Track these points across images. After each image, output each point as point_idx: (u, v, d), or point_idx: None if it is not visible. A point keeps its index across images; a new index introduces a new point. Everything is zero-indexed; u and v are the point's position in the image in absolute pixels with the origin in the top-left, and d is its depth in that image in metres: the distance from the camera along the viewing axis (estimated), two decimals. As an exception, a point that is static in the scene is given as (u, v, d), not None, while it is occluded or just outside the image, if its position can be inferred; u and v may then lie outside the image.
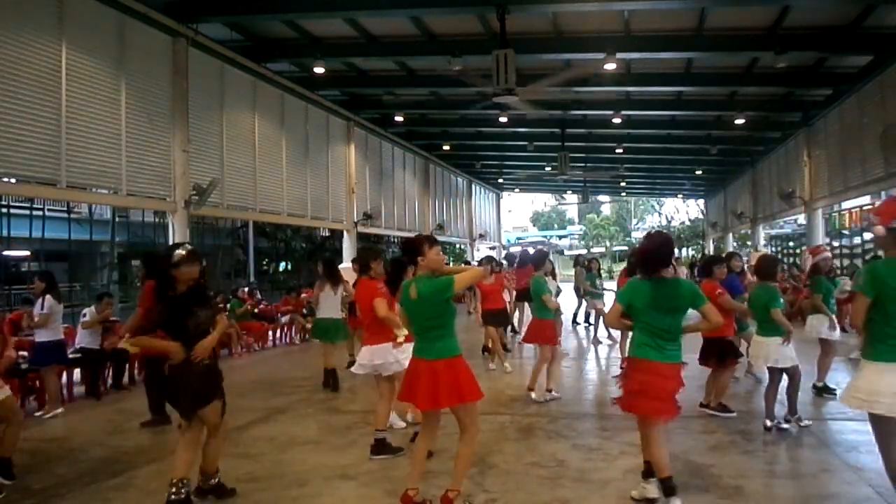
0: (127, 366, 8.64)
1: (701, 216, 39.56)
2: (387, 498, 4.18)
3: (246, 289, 13.95)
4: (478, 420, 4.05)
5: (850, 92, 13.80)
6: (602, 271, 12.58)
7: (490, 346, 9.34)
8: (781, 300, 5.58)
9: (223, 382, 4.17)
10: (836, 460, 4.80)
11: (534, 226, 69.53)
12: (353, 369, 5.54)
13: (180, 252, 4.05)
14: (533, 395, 6.97)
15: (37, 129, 8.18)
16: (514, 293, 11.81)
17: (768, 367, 5.56)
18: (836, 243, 19.55)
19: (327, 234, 23.24)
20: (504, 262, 14.69)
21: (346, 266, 9.66)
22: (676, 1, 10.59)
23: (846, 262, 17.75)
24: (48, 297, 7.00)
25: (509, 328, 11.61)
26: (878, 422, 3.26)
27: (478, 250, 28.31)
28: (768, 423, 5.52)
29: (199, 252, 4.17)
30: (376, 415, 5.19)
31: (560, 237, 65.11)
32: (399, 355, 5.06)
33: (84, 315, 8.19)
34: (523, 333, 8.46)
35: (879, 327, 3.24)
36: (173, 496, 3.85)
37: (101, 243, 22.11)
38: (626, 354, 4.15)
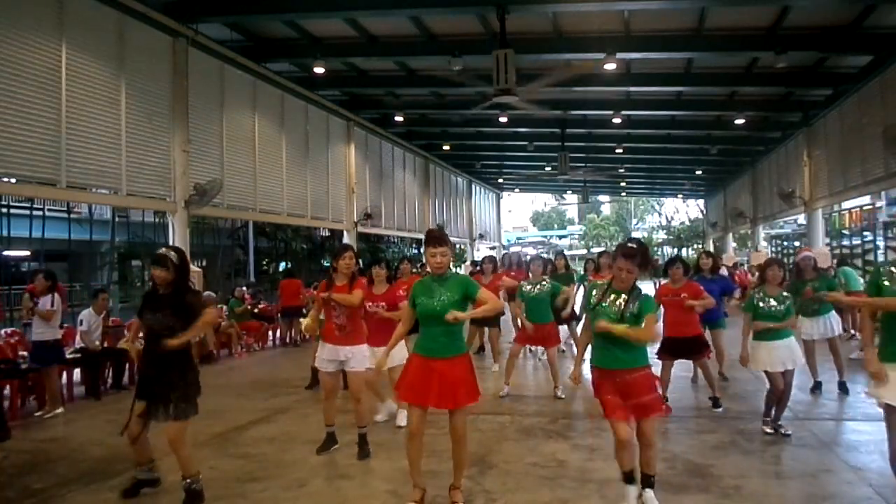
0: (127, 366, 8.64)
1: (701, 216, 39.57)
2: (387, 497, 4.18)
3: (244, 288, 13.94)
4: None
5: (850, 92, 13.80)
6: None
7: (484, 345, 9.37)
8: (757, 306, 5.42)
9: (195, 400, 4.10)
10: (836, 460, 4.79)
11: (534, 226, 69.53)
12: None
13: (157, 252, 4.18)
14: (559, 392, 7.14)
15: (37, 129, 8.18)
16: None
17: (771, 372, 5.45)
18: (836, 243, 19.55)
19: (327, 234, 23.24)
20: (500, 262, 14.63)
21: None
22: (676, 1, 10.59)
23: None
24: (55, 294, 7.03)
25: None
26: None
27: (478, 250, 28.30)
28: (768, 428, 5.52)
29: (171, 257, 4.06)
30: (360, 412, 5.19)
31: (560, 237, 65.09)
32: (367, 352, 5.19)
33: (81, 322, 8.17)
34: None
35: None
36: (140, 475, 4.27)
37: (101, 243, 22.10)
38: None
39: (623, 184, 32.41)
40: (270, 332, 13.16)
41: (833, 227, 19.95)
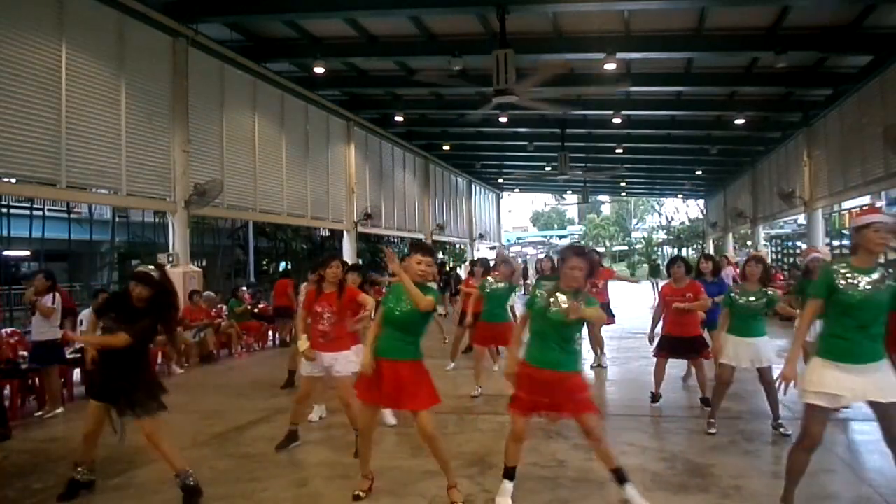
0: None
1: (701, 216, 39.56)
2: (387, 497, 4.18)
3: (245, 288, 13.93)
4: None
5: (850, 92, 13.80)
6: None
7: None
8: (734, 301, 5.47)
9: (160, 397, 4.22)
10: (836, 460, 4.79)
11: (534, 226, 69.52)
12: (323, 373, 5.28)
13: (137, 270, 4.24)
14: None
15: (37, 129, 8.19)
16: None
17: (725, 364, 5.49)
18: (836, 243, 19.52)
19: (327, 234, 23.23)
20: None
21: None
22: (676, 1, 10.59)
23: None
24: (56, 294, 7.04)
25: None
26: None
27: (478, 250, 28.31)
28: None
29: (155, 276, 4.16)
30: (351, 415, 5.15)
31: (560, 237, 65.09)
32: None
33: (81, 322, 8.17)
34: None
35: None
36: (77, 475, 4.30)
37: (101, 243, 22.10)
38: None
39: (623, 184, 32.41)
40: (270, 332, 13.15)
41: (833, 227, 19.93)
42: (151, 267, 4.27)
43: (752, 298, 5.38)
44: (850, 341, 3.35)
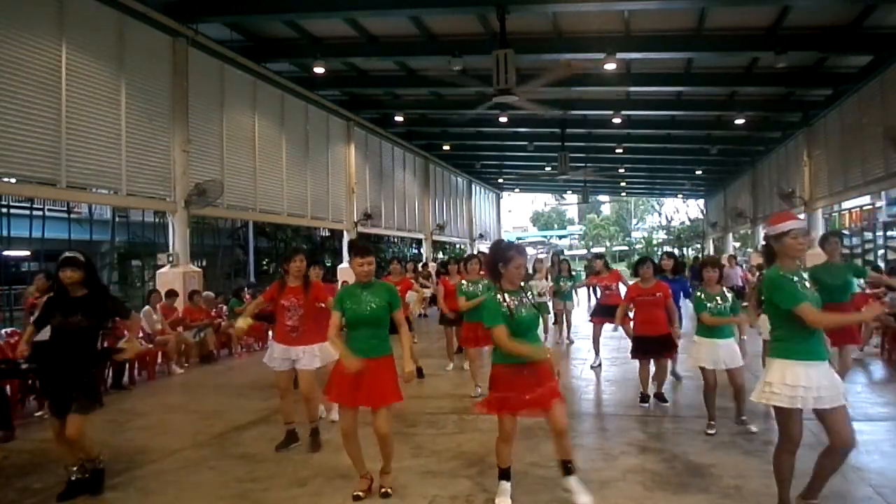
0: (127, 366, 8.63)
1: (701, 216, 39.58)
2: (387, 498, 4.18)
3: (246, 288, 13.94)
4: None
5: (850, 92, 13.81)
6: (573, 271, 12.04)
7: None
8: (707, 305, 5.51)
9: (100, 394, 4.35)
10: (836, 460, 4.78)
11: (534, 226, 69.52)
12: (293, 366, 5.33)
13: (63, 256, 4.23)
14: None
15: (37, 129, 8.19)
16: None
17: (706, 369, 5.50)
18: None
19: (327, 234, 23.24)
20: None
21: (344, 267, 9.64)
22: (676, 1, 10.60)
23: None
24: None
25: None
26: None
27: (477, 250, 28.30)
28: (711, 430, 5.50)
29: (79, 258, 4.20)
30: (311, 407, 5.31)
31: (560, 237, 65.12)
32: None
33: None
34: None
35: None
36: (73, 476, 4.28)
37: (101, 243, 22.08)
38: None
39: (623, 184, 32.45)
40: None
41: (833, 227, 19.95)
42: (79, 254, 4.27)
43: (718, 300, 5.49)
44: (814, 340, 3.41)
